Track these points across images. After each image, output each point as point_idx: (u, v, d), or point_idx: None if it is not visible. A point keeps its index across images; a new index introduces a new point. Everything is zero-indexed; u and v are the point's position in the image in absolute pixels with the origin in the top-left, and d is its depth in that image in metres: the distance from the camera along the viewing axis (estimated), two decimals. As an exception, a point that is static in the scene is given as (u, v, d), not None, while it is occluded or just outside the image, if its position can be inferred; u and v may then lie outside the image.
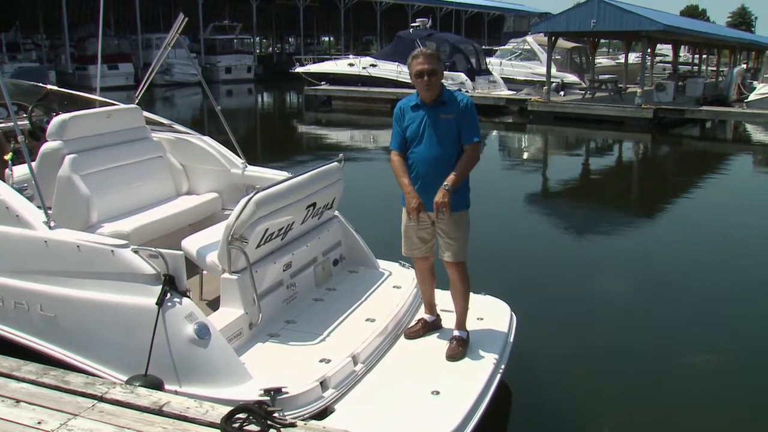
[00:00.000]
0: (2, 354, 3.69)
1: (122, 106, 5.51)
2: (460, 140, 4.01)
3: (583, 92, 23.07)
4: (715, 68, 32.96)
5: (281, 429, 2.93)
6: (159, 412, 3.11)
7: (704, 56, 33.65)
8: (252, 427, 2.95)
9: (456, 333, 4.18)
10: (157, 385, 3.38)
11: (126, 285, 3.69)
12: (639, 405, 4.61)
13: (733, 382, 4.95)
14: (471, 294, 4.63)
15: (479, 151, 4.05)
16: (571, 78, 25.95)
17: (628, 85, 25.21)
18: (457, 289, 4.21)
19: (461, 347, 4.08)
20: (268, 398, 3.26)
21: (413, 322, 4.43)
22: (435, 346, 4.19)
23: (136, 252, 3.71)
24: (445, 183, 3.90)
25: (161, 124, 5.79)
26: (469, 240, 4.16)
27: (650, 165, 16.42)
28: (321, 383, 3.53)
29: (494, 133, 21.05)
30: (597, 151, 18.52)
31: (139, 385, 3.35)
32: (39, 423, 3.03)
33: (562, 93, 23.47)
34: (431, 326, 4.38)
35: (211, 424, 3.01)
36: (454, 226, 4.08)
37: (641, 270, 7.45)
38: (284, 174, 4.93)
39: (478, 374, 3.84)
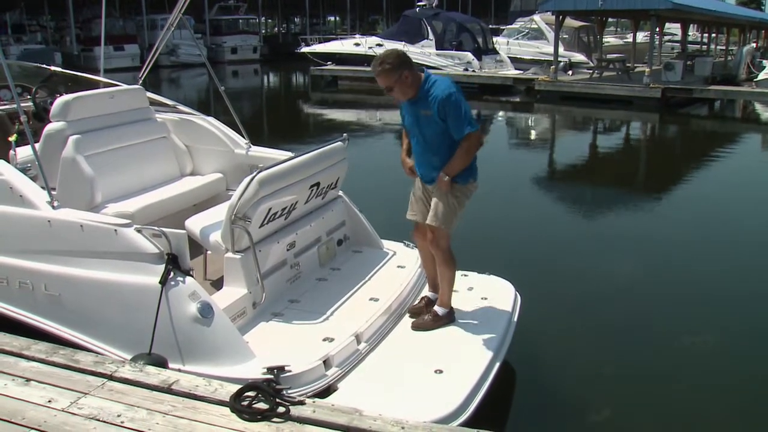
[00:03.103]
0: (10, 333, 3.71)
1: (125, 86, 5.49)
2: (450, 133, 3.90)
3: (591, 71, 22.87)
4: (724, 47, 32.52)
5: (290, 407, 2.95)
6: (168, 390, 3.13)
7: (713, 35, 33.22)
8: (260, 404, 2.97)
9: (434, 308, 4.18)
10: (161, 364, 3.39)
11: (129, 264, 3.69)
12: (641, 385, 4.61)
13: (736, 363, 4.94)
14: (475, 274, 4.71)
15: (476, 139, 3.87)
16: (579, 57, 25.72)
17: (636, 65, 24.96)
18: (434, 259, 4.21)
19: (432, 321, 4.10)
20: (272, 376, 3.27)
21: (417, 300, 4.43)
22: (438, 324, 4.19)
23: (139, 231, 3.71)
24: (442, 173, 3.91)
25: (165, 104, 5.78)
26: (452, 212, 4.03)
27: (658, 145, 16.30)
28: (324, 362, 3.54)
29: (501, 112, 20.93)
30: (604, 131, 18.39)
31: (144, 364, 3.37)
32: (49, 401, 3.06)
33: (569, 72, 23.28)
34: (435, 304, 4.38)
35: (219, 402, 3.03)
36: (437, 191, 4.03)
37: (647, 251, 7.41)
38: (288, 154, 4.91)
39: (481, 353, 3.84)
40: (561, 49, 23.37)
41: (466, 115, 3.85)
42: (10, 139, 4.78)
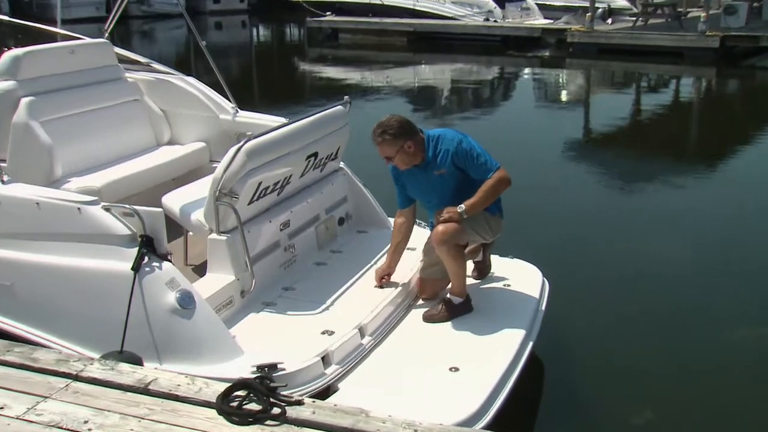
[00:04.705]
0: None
1: (88, 40, 5.48)
2: (471, 180, 4.09)
3: (635, 19, 22.60)
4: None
5: (286, 407, 2.96)
6: (144, 390, 3.13)
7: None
8: (252, 405, 2.98)
9: (448, 296, 4.23)
10: (134, 363, 3.39)
11: (96, 248, 3.69)
12: (689, 384, 4.64)
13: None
14: (497, 257, 4.76)
15: (504, 175, 4.05)
16: (620, 2, 25.43)
17: (689, 9, 24.53)
18: None
19: (446, 312, 4.14)
20: (263, 375, 3.29)
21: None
22: (454, 315, 4.22)
23: (107, 209, 3.71)
24: (462, 206, 4.00)
25: (137, 62, 5.78)
26: (479, 224, 4.19)
27: (715, 105, 16.14)
28: (323, 358, 3.57)
29: (527, 69, 20.78)
30: (649, 89, 18.23)
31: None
32: (2, 408, 3.02)
33: (608, 21, 23.04)
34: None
35: (205, 404, 3.03)
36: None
37: (697, 230, 7.39)
38: (281, 120, 4.92)
39: (504, 347, 3.85)
40: (599, -6, 23.11)
41: (484, 155, 4.09)
42: None
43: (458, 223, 4.01)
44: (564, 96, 17.36)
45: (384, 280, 4.39)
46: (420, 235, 4.93)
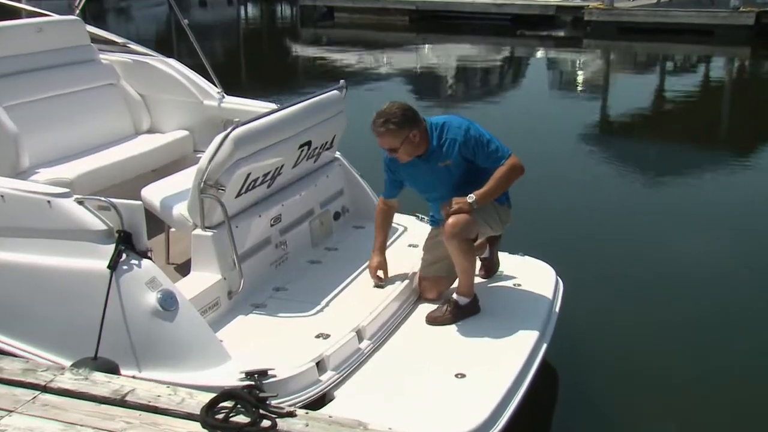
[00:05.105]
0: None
1: (57, 17, 5.48)
2: (477, 171, 4.12)
3: (659, -5, 22.61)
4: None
5: (277, 420, 2.97)
6: (121, 402, 3.13)
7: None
8: (239, 417, 2.99)
9: (454, 297, 4.23)
10: (110, 371, 3.39)
11: (68, 244, 3.70)
12: (717, 391, 4.64)
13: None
14: (507, 254, 4.76)
15: (516, 162, 4.08)
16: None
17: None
18: None
19: (452, 313, 4.15)
20: (252, 383, 3.31)
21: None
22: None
23: (80, 203, 3.71)
24: (472, 196, 4.00)
25: (112, 42, 5.79)
26: (488, 215, 4.21)
27: (748, 89, 16.10)
28: (317, 364, 3.57)
29: (540, 51, 20.78)
30: (676, 72, 18.22)
31: (89, 371, 3.37)
32: (-40, 423, 3.02)
33: (630, -4, 23.04)
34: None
35: (187, 416, 3.04)
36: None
37: (724, 227, 7.40)
38: (271, 106, 4.93)
39: (514, 351, 3.86)
40: (619, -33, 23.10)
41: (494, 142, 4.12)
42: None
43: (469, 214, 4.02)
44: (581, 80, 17.37)
45: (380, 276, 4.39)
46: (420, 230, 4.96)
